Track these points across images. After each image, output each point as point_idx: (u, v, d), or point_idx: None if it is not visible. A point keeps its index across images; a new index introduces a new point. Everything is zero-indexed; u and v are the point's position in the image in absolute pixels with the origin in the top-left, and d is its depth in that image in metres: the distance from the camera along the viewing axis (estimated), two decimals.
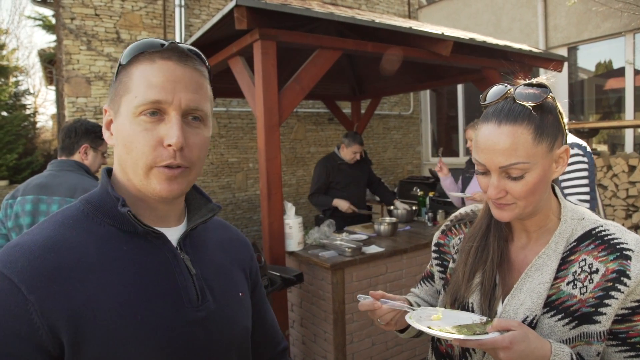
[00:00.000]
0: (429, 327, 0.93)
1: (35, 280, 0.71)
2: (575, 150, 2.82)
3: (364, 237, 3.75)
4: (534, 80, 0.99)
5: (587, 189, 2.77)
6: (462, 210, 1.26)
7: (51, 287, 0.72)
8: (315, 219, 4.93)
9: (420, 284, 1.34)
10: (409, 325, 1.15)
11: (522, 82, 1.00)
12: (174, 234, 0.90)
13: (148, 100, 0.79)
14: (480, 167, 1.00)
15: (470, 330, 0.92)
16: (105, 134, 0.88)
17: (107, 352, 0.74)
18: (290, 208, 3.39)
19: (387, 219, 4.05)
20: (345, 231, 3.99)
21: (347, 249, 3.22)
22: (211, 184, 6.66)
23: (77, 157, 2.44)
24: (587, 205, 2.76)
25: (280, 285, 2.74)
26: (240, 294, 0.99)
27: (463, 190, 3.77)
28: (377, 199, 5.43)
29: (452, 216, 1.27)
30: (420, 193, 5.09)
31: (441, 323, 0.98)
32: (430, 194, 5.13)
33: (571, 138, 2.94)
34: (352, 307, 3.22)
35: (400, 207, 4.55)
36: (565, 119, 3.19)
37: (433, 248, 1.28)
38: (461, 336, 0.88)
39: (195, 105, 0.83)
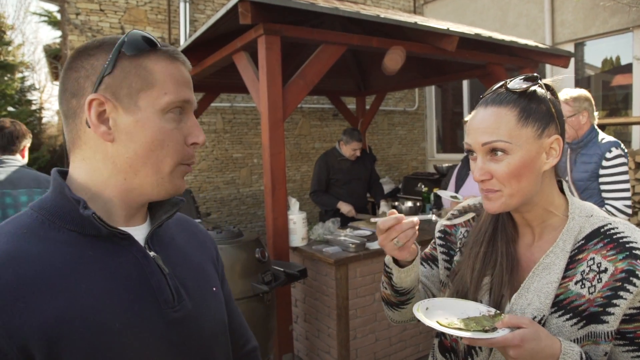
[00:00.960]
0: (437, 322, 0.92)
1: None
2: (619, 152, 2.63)
3: (367, 232, 3.74)
4: (533, 74, 1.00)
5: (629, 194, 2.61)
6: (469, 202, 1.24)
7: (15, 304, 0.65)
8: (319, 214, 4.93)
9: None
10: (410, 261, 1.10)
11: (519, 76, 1.01)
12: (139, 233, 0.85)
13: (182, 98, 0.81)
14: (468, 148, 1.01)
15: (479, 325, 0.91)
16: (100, 128, 0.78)
17: None
18: (294, 204, 3.39)
19: None
20: (349, 227, 3.99)
21: (351, 244, 3.22)
22: (216, 179, 6.67)
23: (18, 155, 2.61)
24: (630, 211, 2.60)
25: (284, 281, 2.74)
26: (214, 289, 0.97)
27: (457, 190, 3.58)
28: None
29: (460, 206, 1.25)
30: (424, 189, 5.08)
31: (448, 315, 0.96)
32: (435, 190, 5.12)
33: (609, 136, 2.73)
34: (356, 302, 3.22)
35: (383, 209, 4.51)
36: (596, 113, 2.89)
37: (438, 234, 1.25)
38: (471, 334, 0.87)
39: (195, 104, 0.88)
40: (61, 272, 0.71)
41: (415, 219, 1.02)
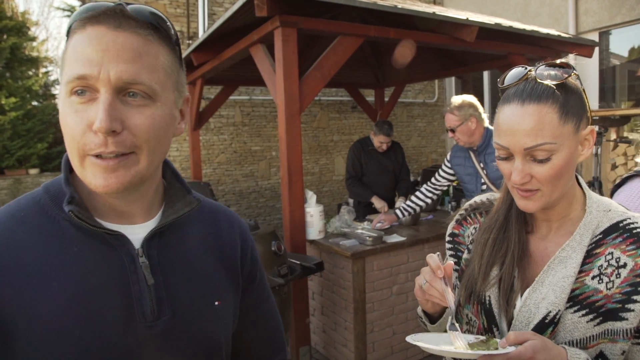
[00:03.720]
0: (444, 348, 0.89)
1: None
2: None
3: (385, 226, 3.72)
4: (557, 61, 0.94)
5: None
6: (477, 199, 1.20)
7: None
8: (338, 207, 4.93)
9: None
10: (441, 314, 1.08)
11: (542, 63, 0.95)
12: (139, 232, 0.78)
13: (73, 76, 0.66)
14: (503, 151, 0.93)
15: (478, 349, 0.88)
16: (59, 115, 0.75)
17: None
18: (311, 196, 3.38)
19: None
20: (366, 220, 3.97)
21: (368, 237, 3.20)
22: (234, 172, 6.70)
23: None
24: None
25: (301, 274, 2.75)
26: (217, 303, 0.85)
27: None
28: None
29: (467, 204, 1.21)
30: None
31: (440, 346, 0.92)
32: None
33: None
34: (373, 296, 3.21)
35: (398, 204, 4.45)
36: (485, 115, 2.86)
37: (447, 239, 1.22)
38: (488, 352, 0.84)
39: (131, 78, 0.67)
40: (39, 266, 0.69)
41: (450, 298, 0.94)
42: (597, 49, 5.48)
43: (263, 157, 6.93)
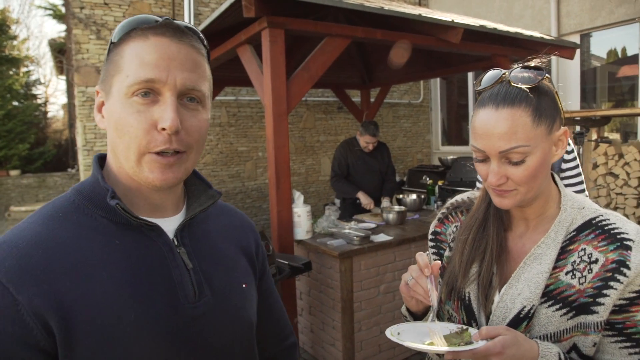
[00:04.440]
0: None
1: (24, 279, 0.68)
2: None
3: (372, 225, 3.75)
4: (531, 63, 0.97)
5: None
6: (458, 198, 1.23)
7: (40, 286, 0.69)
8: (324, 208, 4.94)
9: None
10: (425, 313, 1.09)
11: (517, 65, 0.98)
12: (170, 224, 0.86)
13: (140, 79, 0.74)
14: (479, 153, 0.97)
15: (452, 344, 0.90)
16: (97, 117, 0.83)
17: (100, 352, 0.71)
18: (298, 197, 3.39)
19: (396, 207, 4.05)
20: (353, 220, 4.00)
21: (355, 237, 3.22)
22: (220, 173, 6.68)
23: None
24: None
25: (289, 274, 2.76)
26: (244, 285, 0.94)
27: None
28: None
29: (449, 203, 1.24)
30: (429, 182, 5.08)
31: (420, 337, 0.95)
32: (440, 183, 5.12)
33: None
34: (360, 295, 3.23)
35: (384, 203, 4.49)
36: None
37: (430, 237, 1.25)
38: (453, 348, 0.86)
39: (192, 85, 0.78)
40: (86, 259, 0.74)
41: (434, 297, 0.95)
42: (578, 51, 5.59)
43: (249, 157, 6.92)
